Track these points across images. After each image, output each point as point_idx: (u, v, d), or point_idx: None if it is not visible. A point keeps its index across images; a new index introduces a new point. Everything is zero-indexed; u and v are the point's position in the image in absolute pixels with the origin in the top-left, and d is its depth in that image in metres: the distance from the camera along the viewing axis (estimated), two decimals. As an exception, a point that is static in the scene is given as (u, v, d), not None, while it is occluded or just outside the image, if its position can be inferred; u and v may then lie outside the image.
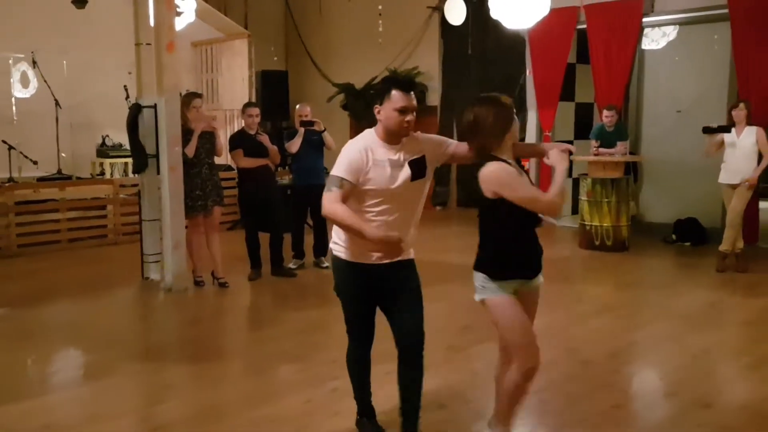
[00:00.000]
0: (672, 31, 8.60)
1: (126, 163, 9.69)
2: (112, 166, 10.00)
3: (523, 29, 8.10)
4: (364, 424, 3.24)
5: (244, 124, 6.41)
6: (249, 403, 3.65)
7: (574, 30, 8.73)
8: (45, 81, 9.15)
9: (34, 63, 9.21)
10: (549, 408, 3.56)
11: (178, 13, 7.53)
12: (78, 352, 4.80)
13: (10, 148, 8.48)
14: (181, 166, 5.87)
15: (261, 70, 10.91)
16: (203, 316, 5.52)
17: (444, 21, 9.86)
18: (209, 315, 5.58)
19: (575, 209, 8.70)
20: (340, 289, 3.06)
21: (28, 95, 9.35)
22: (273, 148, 6.34)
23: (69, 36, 9.40)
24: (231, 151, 6.32)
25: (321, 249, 6.86)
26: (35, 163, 8.77)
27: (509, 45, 9.54)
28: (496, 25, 6.89)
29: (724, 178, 6.64)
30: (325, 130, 6.56)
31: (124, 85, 7.76)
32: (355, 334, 3.11)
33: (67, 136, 9.43)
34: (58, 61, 9.44)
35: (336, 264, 3.04)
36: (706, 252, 7.33)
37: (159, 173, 6.03)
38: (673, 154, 8.45)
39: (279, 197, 6.72)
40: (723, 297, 5.89)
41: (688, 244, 8.00)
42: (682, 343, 4.68)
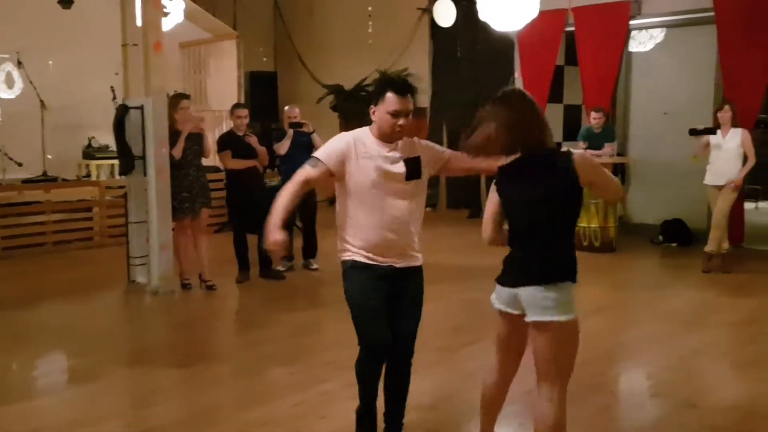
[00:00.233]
0: (659, 34, 8.67)
1: (112, 165, 9.62)
2: (98, 167, 9.93)
3: (512, 31, 8.12)
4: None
5: (232, 126, 6.39)
6: (239, 406, 3.63)
7: (562, 32, 8.76)
8: (30, 82, 9.06)
9: (20, 63, 9.12)
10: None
11: (166, 14, 7.50)
12: (64, 355, 4.75)
13: (-5, 149, 8.42)
14: (168, 167, 5.84)
15: (250, 71, 10.87)
16: (191, 319, 5.49)
17: (433, 23, 9.88)
18: (197, 318, 5.55)
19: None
20: (352, 296, 2.91)
21: (13, 96, 9.26)
22: (262, 150, 6.32)
23: (55, 36, 9.32)
24: (219, 152, 6.29)
25: (310, 251, 6.84)
26: (20, 165, 8.68)
27: (498, 47, 9.56)
28: (485, 27, 6.90)
29: (709, 180, 6.70)
30: (314, 131, 6.55)
31: (111, 86, 7.71)
32: (370, 341, 2.90)
33: (53, 137, 9.33)
34: (43, 61, 9.36)
35: (348, 269, 2.92)
36: (693, 253, 7.38)
37: (146, 175, 5.99)
38: (660, 156, 8.50)
39: (267, 199, 6.67)
40: (709, 297, 5.93)
41: (675, 244, 8.06)
42: (669, 343, 4.71)
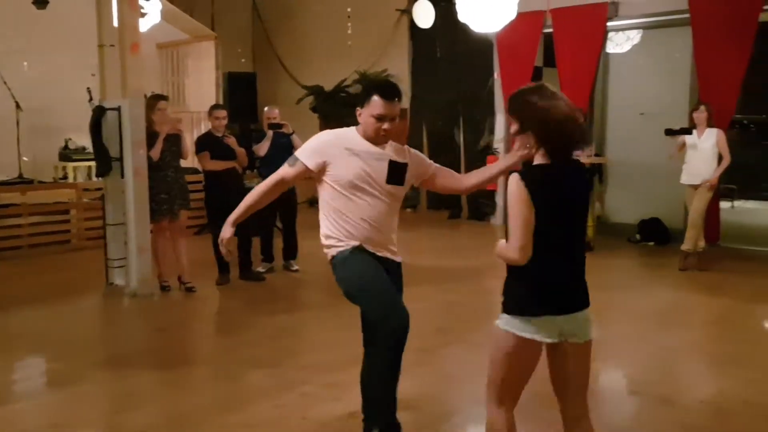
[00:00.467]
0: (636, 35, 8.78)
1: (89, 167, 9.48)
2: (75, 169, 9.78)
3: (491, 33, 8.17)
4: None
5: (211, 127, 6.35)
6: (219, 409, 3.61)
7: (540, 34, 8.83)
8: (5, 83, 8.90)
9: (-6, 65, 8.98)
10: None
11: (143, 14, 7.42)
12: (41, 359, 4.68)
13: (-31, 151, 8.28)
14: (146, 169, 5.78)
15: (228, 72, 10.80)
16: (170, 322, 5.44)
17: (413, 24, 9.91)
18: (176, 320, 5.50)
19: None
20: (355, 282, 2.85)
21: (-13, 98, 9.11)
22: (240, 151, 6.29)
23: (30, 37, 9.17)
24: (197, 153, 6.25)
25: (290, 252, 6.82)
26: (-5, 167, 8.55)
27: (477, 48, 9.61)
28: (465, 29, 6.93)
29: (685, 179, 6.80)
30: (293, 132, 6.54)
31: (87, 87, 7.61)
32: (392, 317, 2.77)
33: (29, 139, 9.18)
34: (18, 62, 9.21)
35: (339, 260, 2.89)
36: (669, 251, 7.49)
37: (123, 177, 5.92)
38: (636, 156, 8.61)
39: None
40: (685, 296, 6.02)
41: (652, 243, 8.17)
42: (646, 341, 4.77)
